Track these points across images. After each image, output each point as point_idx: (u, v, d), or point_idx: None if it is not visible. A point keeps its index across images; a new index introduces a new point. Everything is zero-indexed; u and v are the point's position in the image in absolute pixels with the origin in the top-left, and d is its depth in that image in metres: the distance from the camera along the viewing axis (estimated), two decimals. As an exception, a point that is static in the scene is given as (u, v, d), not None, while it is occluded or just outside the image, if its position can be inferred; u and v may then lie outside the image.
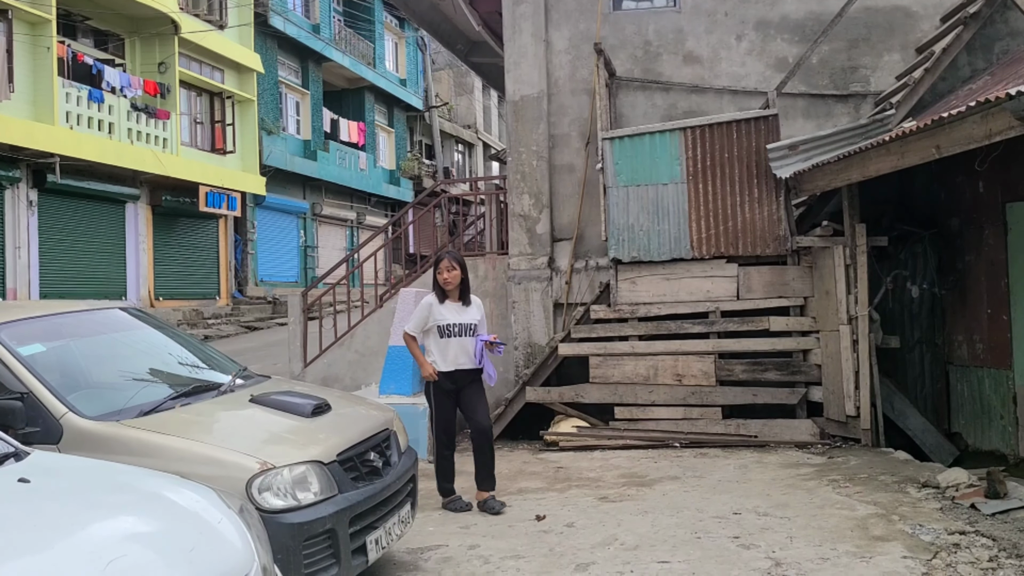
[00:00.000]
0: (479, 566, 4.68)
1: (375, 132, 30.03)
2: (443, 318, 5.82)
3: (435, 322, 5.83)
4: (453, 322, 5.82)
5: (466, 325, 5.86)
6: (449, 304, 5.88)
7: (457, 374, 5.83)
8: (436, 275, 5.88)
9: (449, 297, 5.89)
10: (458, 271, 5.84)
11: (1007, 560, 4.28)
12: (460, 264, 5.88)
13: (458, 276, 5.84)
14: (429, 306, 5.88)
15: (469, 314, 5.91)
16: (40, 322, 4.30)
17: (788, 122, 8.72)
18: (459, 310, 5.88)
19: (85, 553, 2.12)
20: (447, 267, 5.84)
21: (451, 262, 5.85)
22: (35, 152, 15.29)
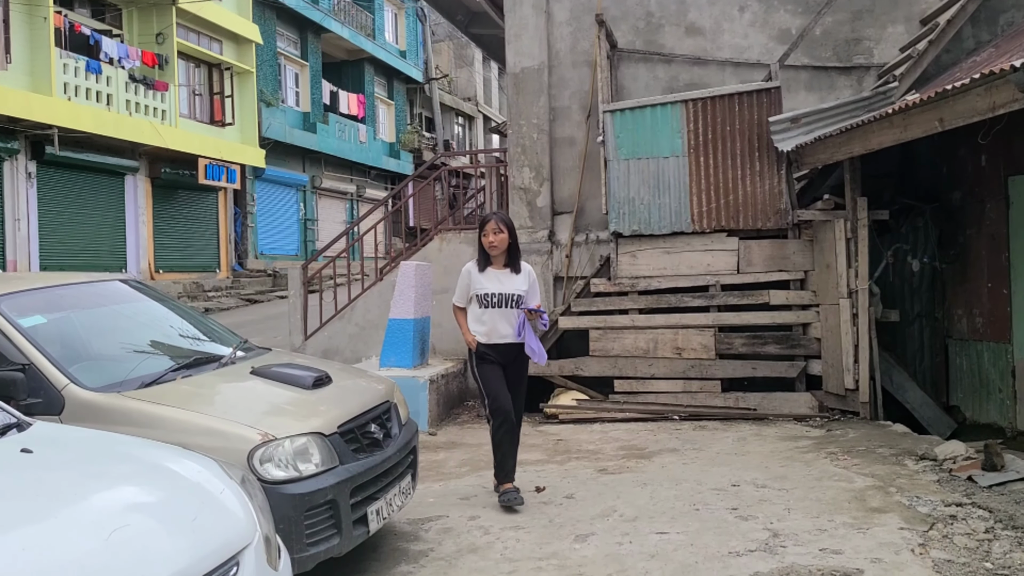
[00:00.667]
0: (479, 536, 4.72)
1: (375, 104, 29.86)
2: (481, 287, 5.31)
3: (473, 291, 5.33)
4: (492, 291, 5.28)
5: (507, 295, 5.28)
6: (491, 272, 5.33)
7: (499, 348, 5.31)
8: (481, 238, 5.35)
9: (493, 263, 5.34)
10: (506, 234, 5.29)
11: (1003, 531, 4.32)
12: (508, 227, 5.34)
13: (506, 240, 5.29)
14: (468, 274, 5.38)
15: (514, 283, 5.32)
16: (41, 294, 4.30)
17: (791, 95, 8.67)
18: (502, 278, 5.32)
19: (88, 522, 2.14)
20: (494, 229, 5.28)
21: (499, 224, 5.30)
22: (33, 123, 15.22)
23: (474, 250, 9.74)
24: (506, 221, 5.36)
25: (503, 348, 5.29)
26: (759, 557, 4.16)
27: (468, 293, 5.37)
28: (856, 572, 3.90)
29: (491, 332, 5.28)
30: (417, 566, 4.31)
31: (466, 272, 5.39)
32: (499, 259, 5.35)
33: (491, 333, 5.29)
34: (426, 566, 4.31)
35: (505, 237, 5.29)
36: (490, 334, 5.29)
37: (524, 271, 5.39)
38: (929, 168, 8.34)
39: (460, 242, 9.72)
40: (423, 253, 9.84)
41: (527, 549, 4.46)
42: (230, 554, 2.29)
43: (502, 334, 5.28)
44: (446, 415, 8.37)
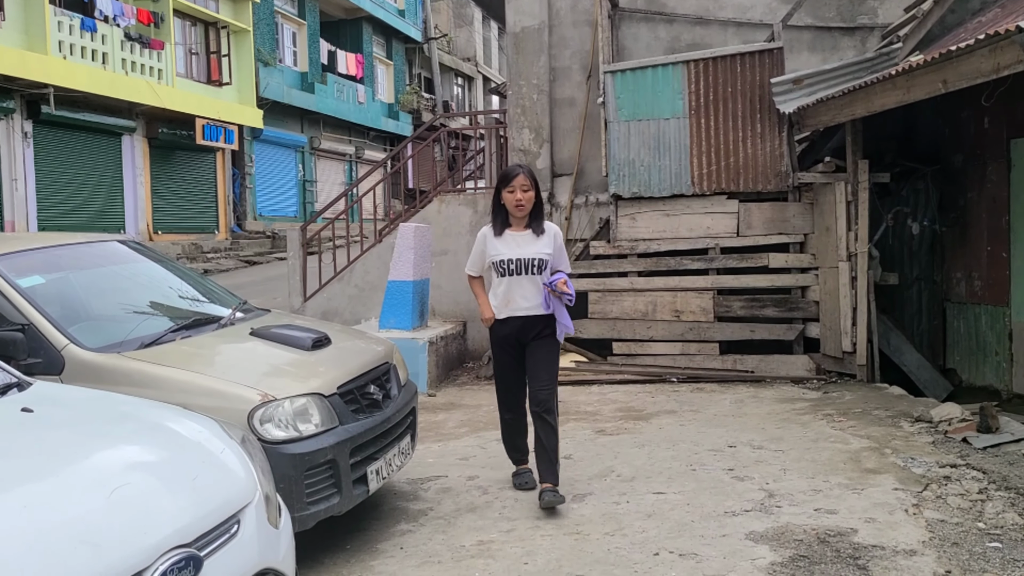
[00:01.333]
0: (478, 496, 4.77)
1: (373, 65, 29.55)
2: (497, 253, 4.60)
3: (489, 259, 4.64)
4: (509, 257, 4.56)
5: (528, 260, 4.54)
6: (509, 235, 4.61)
7: (515, 322, 4.60)
8: (505, 196, 4.58)
9: (513, 226, 4.62)
10: (533, 192, 4.57)
11: (996, 492, 4.36)
12: (535, 183, 4.62)
13: (532, 199, 4.58)
14: (484, 239, 4.70)
15: (536, 246, 4.58)
16: (39, 254, 4.29)
17: (793, 55, 8.58)
18: (522, 242, 4.60)
19: (90, 481, 2.15)
20: (522, 186, 4.53)
21: (527, 179, 4.55)
22: (28, 82, 15.06)
23: (473, 212, 9.88)
24: (533, 177, 4.61)
25: (521, 322, 4.59)
26: (754, 517, 4.20)
27: (484, 260, 4.71)
28: (850, 532, 3.95)
29: (507, 303, 4.59)
30: (416, 524, 4.36)
31: (481, 237, 4.72)
32: (520, 220, 4.62)
33: (508, 304, 4.59)
34: (425, 524, 4.36)
35: (532, 196, 4.56)
36: (506, 305, 4.60)
37: (548, 232, 4.63)
38: (931, 130, 8.28)
39: (459, 204, 9.69)
40: (422, 215, 9.81)
41: (525, 509, 4.51)
42: (231, 512, 2.32)
43: (521, 305, 4.56)
44: (445, 376, 8.41)
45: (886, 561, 3.61)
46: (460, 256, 9.54)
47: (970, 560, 3.59)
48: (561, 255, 4.69)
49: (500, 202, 4.62)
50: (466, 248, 9.49)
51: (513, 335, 4.62)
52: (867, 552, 3.71)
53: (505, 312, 4.61)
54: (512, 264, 4.56)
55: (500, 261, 4.59)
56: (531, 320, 4.58)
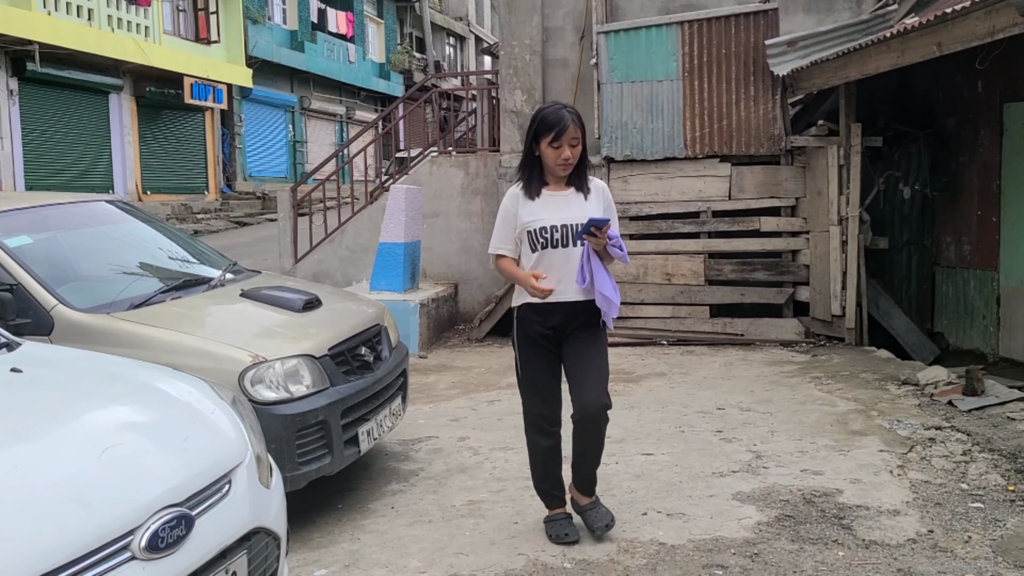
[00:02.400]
0: (468, 456, 4.81)
1: (364, 23, 29.14)
2: (535, 218, 3.47)
3: (524, 226, 3.49)
4: (552, 223, 3.45)
5: (577, 226, 3.42)
6: (548, 196, 3.51)
7: (559, 312, 3.49)
8: (544, 151, 3.46)
9: (551, 184, 3.53)
10: (581, 146, 3.50)
11: (980, 454, 4.42)
12: (584, 128, 3.52)
13: (580, 151, 3.50)
14: (515, 201, 3.53)
15: (584, 208, 3.49)
16: (26, 214, 4.25)
17: (788, 17, 8.49)
18: (565, 204, 3.50)
19: (81, 441, 2.15)
20: (572, 140, 3.43)
21: (578, 131, 3.45)
22: (13, 39, 14.80)
23: (465, 174, 9.83)
24: (583, 125, 3.52)
25: (564, 311, 3.48)
26: (742, 478, 4.25)
27: (515, 231, 3.52)
28: (835, 492, 4.00)
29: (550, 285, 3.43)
30: (407, 485, 4.40)
31: (511, 199, 3.55)
32: (560, 178, 3.54)
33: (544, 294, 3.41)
34: (416, 485, 4.40)
35: (580, 151, 3.50)
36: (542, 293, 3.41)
37: (596, 190, 3.57)
38: (925, 94, 8.25)
39: (451, 166, 9.63)
40: (413, 176, 9.75)
41: (515, 469, 4.55)
42: (222, 472, 2.33)
43: (568, 288, 3.45)
44: (436, 338, 8.43)
45: (870, 521, 3.67)
46: (451, 218, 9.52)
47: (952, 520, 3.65)
48: (612, 213, 3.57)
49: (535, 154, 3.48)
50: (458, 211, 9.49)
51: (550, 329, 3.50)
52: (851, 512, 3.77)
53: (545, 296, 3.41)
54: (557, 232, 3.43)
55: (539, 229, 3.44)
56: (575, 308, 3.48)
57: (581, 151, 3.49)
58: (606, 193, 3.62)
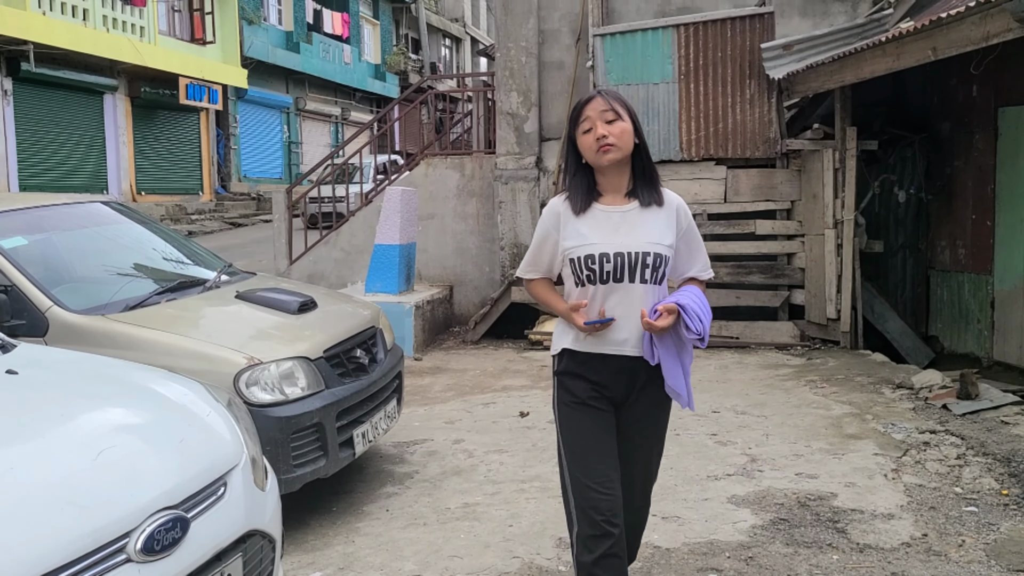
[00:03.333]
0: (463, 459, 4.80)
1: (360, 24, 29.14)
2: (581, 242, 2.59)
3: (567, 251, 2.61)
4: (603, 249, 2.56)
5: (636, 256, 2.56)
6: (600, 211, 2.62)
7: (613, 366, 2.61)
8: (581, 142, 2.61)
9: (603, 192, 2.64)
10: (628, 123, 2.58)
11: (974, 458, 4.44)
12: (630, 112, 2.61)
13: (628, 133, 2.58)
14: (555, 218, 2.65)
15: (649, 228, 2.60)
16: (21, 215, 4.24)
17: (784, 20, 8.51)
18: (623, 222, 2.60)
19: (76, 443, 2.15)
20: (603, 113, 2.56)
21: (608, 102, 2.58)
22: (7, 39, 14.76)
23: (460, 176, 9.83)
24: (623, 100, 2.63)
25: (616, 367, 2.60)
26: (736, 481, 4.26)
27: (554, 255, 2.68)
28: (830, 496, 4.01)
29: (601, 329, 2.56)
30: (402, 487, 4.40)
31: (551, 216, 2.67)
32: (615, 179, 2.63)
33: (595, 337, 2.58)
34: (411, 487, 4.39)
35: (627, 128, 2.57)
36: (592, 338, 2.58)
37: (669, 205, 2.66)
38: (920, 98, 8.27)
39: (446, 167, 9.63)
40: (409, 178, 9.75)
41: (510, 472, 4.55)
42: (217, 475, 2.32)
43: (618, 338, 2.57)
44: (431, 341, 8.43)
45: (864, 524, 3.68)
46: (447, 220, 9.51)
47: (946, 523, 3.66)
48: (694, 245, 2.71)
49: (577, 156, 2.63)
50: (453, 213, 9.48)
51: (606, 388, 2.60)
52: (846, 516, 3.78)
53: (592, 345, 2.58)
54: (609, 262, 2.53)
55: (585, 258, 2.55)
56: (634, 365, 2.59)
57: (635, 137, 2.58)
58: (683, 212, 2.65)
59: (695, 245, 2.74)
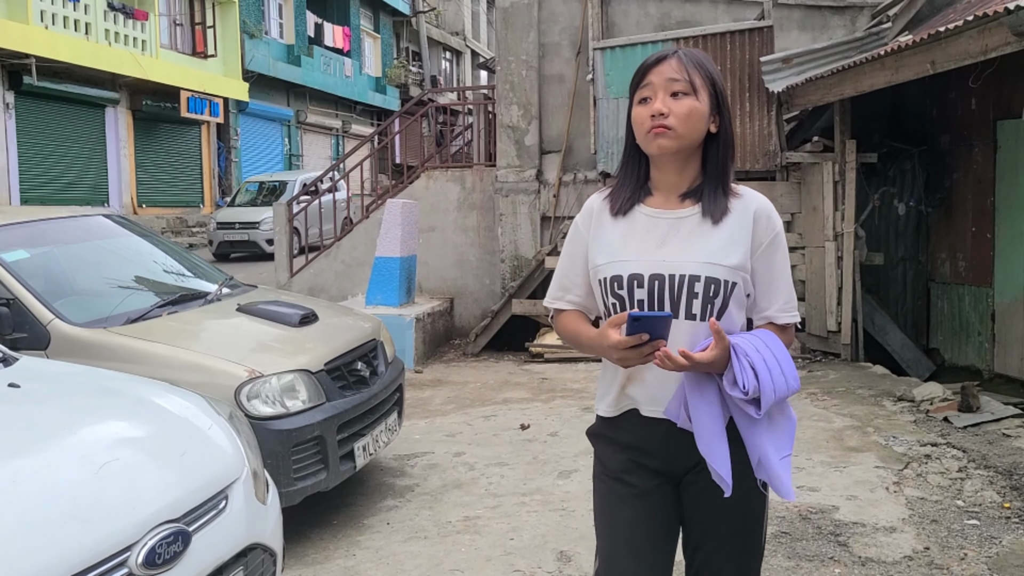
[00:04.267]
0: (464, 472, 4.79)
1: (360, 37, 29.26)
2: (611, 258, 1.90)
3: (594, 269, 1.93)
4: (638, 270, 1.85)
5: (682, 280, 1.82)
6: (645, 216, 1.91)
7: (655, 431, 1.89)
8: (636, 109, 1.87)
9: (657, 194, 1.92)
10: (701, 100, 1.83)
11: (976, 471, 4.43)
12: (712, 85, 1.87)
13: (698, 115, 1.83)
14: (590, 215, 1.98)
15: (705, 242, 1.85)
16: (23, 228, 4.25)
17: (783, 34, 8.56)
18: (672, 230, 1.87)
19: (78, 456, 2.15)
20: (670, 81, 1.83)
21: (684, 68, 1.84)
22: (10, 52, 14.83)
23: (461, 189, 9.87)
24: (704, 65, 1.89)
25: (662, 431, 1.89)
26: (738, 494, 4.25)
27: (584, 276, 1.99)
28: (832, 509, 4.00)
29: (631, 380, 1.91)
30: (403, 500, 4.39)
31: (584, 216, 2.01)
32: (671, 175, 1.90)
33: (631, 383, 1.91)
34: (412, 500, 4.38)
35: (700, 110, 1.84)
36: (628, 385, 1.92)
37: (744, 208, 1.88)
38: (919, 111, 8.30)
39: (447, 180, 9.65)
40: (409, 191, 9.77)
41: (511, 485, 4.54)
42: (219, 488, 2.32)
43: (658, 394, 1.88)
44: (432, 353, 8.42)
45: (866, 538, 3.67)
46: (447, 232, 9.53)
47: (948, 537, 3.65)
48: (776, 271, 1.90)
49: (633, 136, 1.91)
50: (454, 225, 9.50)
51: (650, 457, 1.92)
52: (848, 529, 3.77)
53: (625, 403, 1.93)
54: (641, 287, 1.85)
55: (611, 279, 1.88)
56: (684, 434, 1.84)
57: (706, 117, 1.84)
58: (765, 220, 1.87)
59: (777, 272, 1.88)
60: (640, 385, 1.89)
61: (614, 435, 1.96)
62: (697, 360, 1.72)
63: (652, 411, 1.88)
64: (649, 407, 1.89)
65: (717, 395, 1.80)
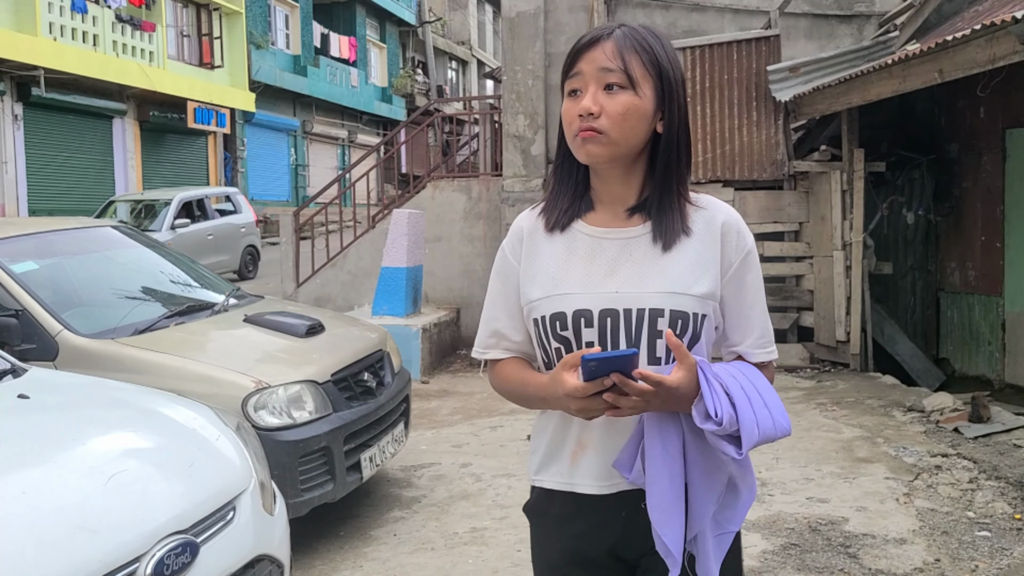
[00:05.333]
0: (471, 483, 4.78)
1: (366, 48, 29.38)
2: (549, 286, 1.51)
3: (528, 305, 1.54)
4: (583, 305, 1.47)
5: (641, 316, 1.45)
6: (586, 236, 1.53)
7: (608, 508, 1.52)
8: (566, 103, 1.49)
9: (599, 198, 1.55)
10: (640, 95, 1.45)
11: (986, 482, 4.39)
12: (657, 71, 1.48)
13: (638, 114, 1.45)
14: (519, 236, 1.58)
15: (666, 268, 1.47)
16: (32, 239, 4.27)
17: (790, 43, 8.56)
18: (620, 252, 1.50)
19: (87, 467, 2.15)
20: (603, 72, 1.44)
21: (622, 53, 1.45)
22: (18, 64, 14.92)
23: (467, 199, 9.89)
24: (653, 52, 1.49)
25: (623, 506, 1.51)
26: (747, 505, 4.22)
27: (520, 312, 1.58)
28: (841, 520, 3.97)
29: (580, 446, 1.53)
30: (410, 512, 4.37)
31: (511, 239, 1.60)
32: (614, 185, 1.53)
33: (582, 448, 1.53)
34: (419, 512, 4.37)
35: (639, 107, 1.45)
36: (578, 453, 1.53)
37: (709, 224, 1.51)
38: (927, 119, 8.29)
39: (453, 190, 9.66)
40: (416, 201, 9.78)
41: (518, 496, 4.52)
42: (227, 499, 2.32)
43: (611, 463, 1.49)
44: (439, 363, 8.41)
45: (876, 550, 3.64)
46: (454, 242, 9.53)
47: (959, 549, 3.62)
48: (749, 298, 1.55)
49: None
50: (460, 235, 9.50)
51: (596, 542, 1.55)
52: (858, 540, 3.74)
53: (571, 476, 1.55)
54: (590, 326, 1.48)
55: (551, 318, 1.50)
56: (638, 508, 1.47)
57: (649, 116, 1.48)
58: (734, 236, 1.53)
59: (750, 299, 1.55)
60: (597, 465, 1.50)
61: (575, 522, 1.54)
62: (665, 384, 1.34)
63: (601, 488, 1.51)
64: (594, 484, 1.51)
65: (679, 447, 1.44)
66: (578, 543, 1.54)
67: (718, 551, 1.46)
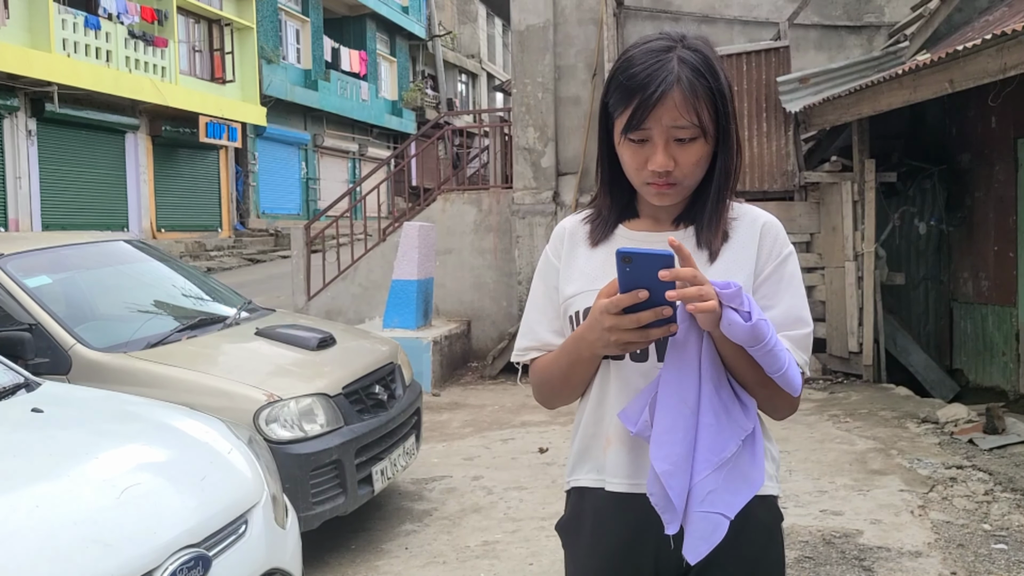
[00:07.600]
0: (483, 496, 4.76)
1: (377, 62, 29.53)
2: (586, 283, 1.52)
3: (565, 301, 1.56)
4: None
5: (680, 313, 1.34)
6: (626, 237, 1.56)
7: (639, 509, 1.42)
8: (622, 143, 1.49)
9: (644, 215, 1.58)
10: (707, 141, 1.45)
11: (1002, 494, 4.35)
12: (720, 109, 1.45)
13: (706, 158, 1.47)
14: (560, 240, 1.64)
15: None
16: (46, 254, 4.30)
17: (800, 54, 8.55)
18: None
19: (100, 481, 2.16)
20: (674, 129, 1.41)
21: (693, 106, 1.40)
22: (32, 80, 15.07)
23: (478, 211, 9.91)
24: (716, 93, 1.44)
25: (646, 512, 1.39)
26: (760, 518, 4.19)
27: (556, 314, 1.60)
28: (856, 533, 3.94)
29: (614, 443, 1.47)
30: (421, 525, 4.36)
31: (555, 242, 1.66)
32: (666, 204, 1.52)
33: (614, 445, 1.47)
34: (430, 525, 4.36)
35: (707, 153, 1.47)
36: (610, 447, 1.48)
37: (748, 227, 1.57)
38: (938, 129, 8.26)
39: (464, 203, 9.68)
40: (426, 214, 9.80)
41: (530, 509, 4.51)
42: (239, 513, 2.32)
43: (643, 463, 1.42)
44: (450, 376, 8.41)
45: (891, 563, 3.60)
46: (464, 255, 9.54)
47: (975, 562, 3.59)
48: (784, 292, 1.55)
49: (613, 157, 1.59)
50: (471, 248, 9.51)
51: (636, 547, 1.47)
52: (872, 553, 3.70)
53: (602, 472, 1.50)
54: None
55: (584, 312, 1.50)
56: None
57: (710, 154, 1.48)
58: (771, 238, 1.56)
59: (789, 293, 1.53)
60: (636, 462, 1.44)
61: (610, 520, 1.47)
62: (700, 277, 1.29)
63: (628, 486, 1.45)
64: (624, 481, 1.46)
65: (696, 402, 1.36)
66: (619, 538, 1.47)
67: (708, 531, 1.35)
